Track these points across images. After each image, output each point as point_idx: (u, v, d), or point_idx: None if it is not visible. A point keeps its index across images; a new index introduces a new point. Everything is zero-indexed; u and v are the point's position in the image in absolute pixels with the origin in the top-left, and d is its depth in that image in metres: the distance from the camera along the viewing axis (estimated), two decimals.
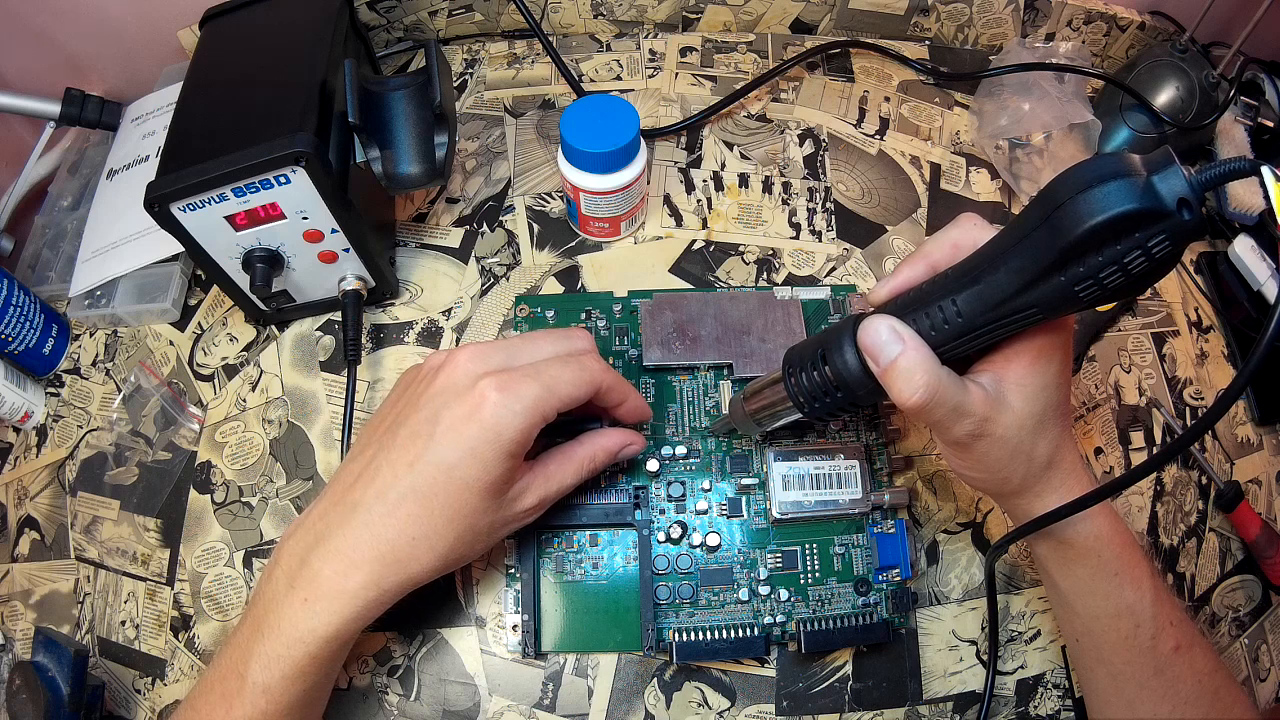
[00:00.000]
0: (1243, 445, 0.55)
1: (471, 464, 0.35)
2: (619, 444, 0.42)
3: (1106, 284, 0.28)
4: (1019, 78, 0.61)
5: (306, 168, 0.43)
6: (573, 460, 0.40)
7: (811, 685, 0.46)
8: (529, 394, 0.35)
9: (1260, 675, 0.49)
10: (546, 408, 0.36)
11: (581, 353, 0.40)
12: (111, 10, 0.61)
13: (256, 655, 0.34)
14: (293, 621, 0.34)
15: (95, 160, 0.65)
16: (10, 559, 0.52)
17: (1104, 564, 0.37)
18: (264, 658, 0.34)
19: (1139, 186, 0.26)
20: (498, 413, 0.35)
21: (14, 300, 0.54)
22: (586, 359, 0.39)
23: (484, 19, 0.67)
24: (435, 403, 0.36)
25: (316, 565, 0.35)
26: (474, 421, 0.35)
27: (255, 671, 0.34)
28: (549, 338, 0.40)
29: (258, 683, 0.34)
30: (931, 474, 0.51)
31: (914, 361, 0.32)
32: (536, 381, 0.36)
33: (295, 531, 0.37)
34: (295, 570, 0.35)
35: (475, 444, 0.35)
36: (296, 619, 0.34)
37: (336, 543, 0.35)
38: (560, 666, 0.46)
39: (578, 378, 0.37)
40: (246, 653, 0.35)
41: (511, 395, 0.35)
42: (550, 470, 0.40)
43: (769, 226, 0.59)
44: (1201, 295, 0.60)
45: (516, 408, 0.35)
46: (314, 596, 0.35)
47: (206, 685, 0.36)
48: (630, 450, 0.43)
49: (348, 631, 0.35)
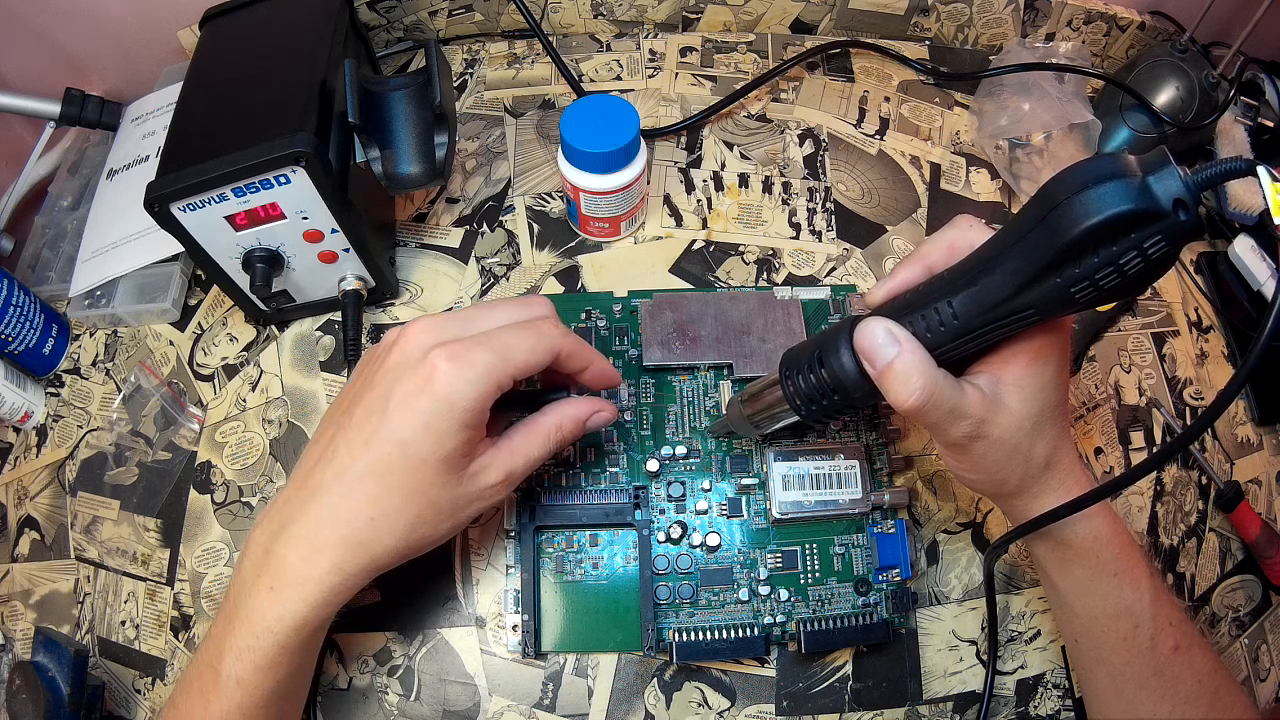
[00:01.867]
0: (1243, 445, 0.55)
1: (425, 438, 0.34)
2: (586, 411, 0.40)
3: (1103, 285, 0.28)
4: (1019, 78, 0.61)
5: (306, 168, 0.43)
6: (537, 432, 0.39)
7: (811, 685, 0.46)
8: (481, 362, 0.34)
9: (1260, 675, 0.49)
10: (500, 375, 0.35)
11: (539, 319, 0.38)
12: (111, 10, 0.61)
13: (229, 648, 0.34)
14: (260, 612, 0.34)
15: (95, 160, 0.65)
16: (10, 559, 0.52)
17: (1103, 564, 0.37)
18: (235, 650, 0.34)
19: (1134, 187, 0.26)
20: (449, 383, 0.34)
21: (14, 300, 0.54)
22: (544, 324, 0.38)
23: (484, 19, 0.67)
24: (389, 378, 0.35)
25: (280, 553, 0.35)
26: (426, 394, 0.34)
27: (228, 664, 0.34)
28: (505, 305, 0.39)
29: (231, 675, 0.34)
30: (931, 474, 0.51)
31: (910, 364, 0.32)
32: (489, 349, 0.35)
33: (262, 521, 0.37)
34: (261, 560, 0.35)
35: (428, 417, 0.34)
36: (264, 609, 0.34)
37: (299, 528, 0.35)
38: (560, 666, 0.46)
39: (534, 344, 0.36)
40: (220, 646, 0.35)
41: (463, 364, 0.34)
42: (515, 444, 0.38)
43: (769, 226, 0.59)
44: (1201, 295, 0.60)
45: (469, 376, 0.34)
46: (279, 584, 0.34)
47: (186, 681, 0.36)
48: (600, 418, 0.41)
49: (316, 618, 0.35)
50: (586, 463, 0.48)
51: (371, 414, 0.35)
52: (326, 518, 0.35)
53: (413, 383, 0.34)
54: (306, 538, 0.35)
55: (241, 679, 0.34)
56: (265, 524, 0.36)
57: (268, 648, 0.34)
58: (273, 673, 0.35)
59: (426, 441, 0.34)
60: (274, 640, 0.34)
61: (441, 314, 0.38)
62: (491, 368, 0.34)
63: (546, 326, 0.38)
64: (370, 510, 0.34)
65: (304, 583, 0.34)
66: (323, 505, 0.35)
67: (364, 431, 0.35)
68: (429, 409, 0.34)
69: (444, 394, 0.34)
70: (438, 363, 0.34)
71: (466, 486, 0.36)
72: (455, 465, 0.35)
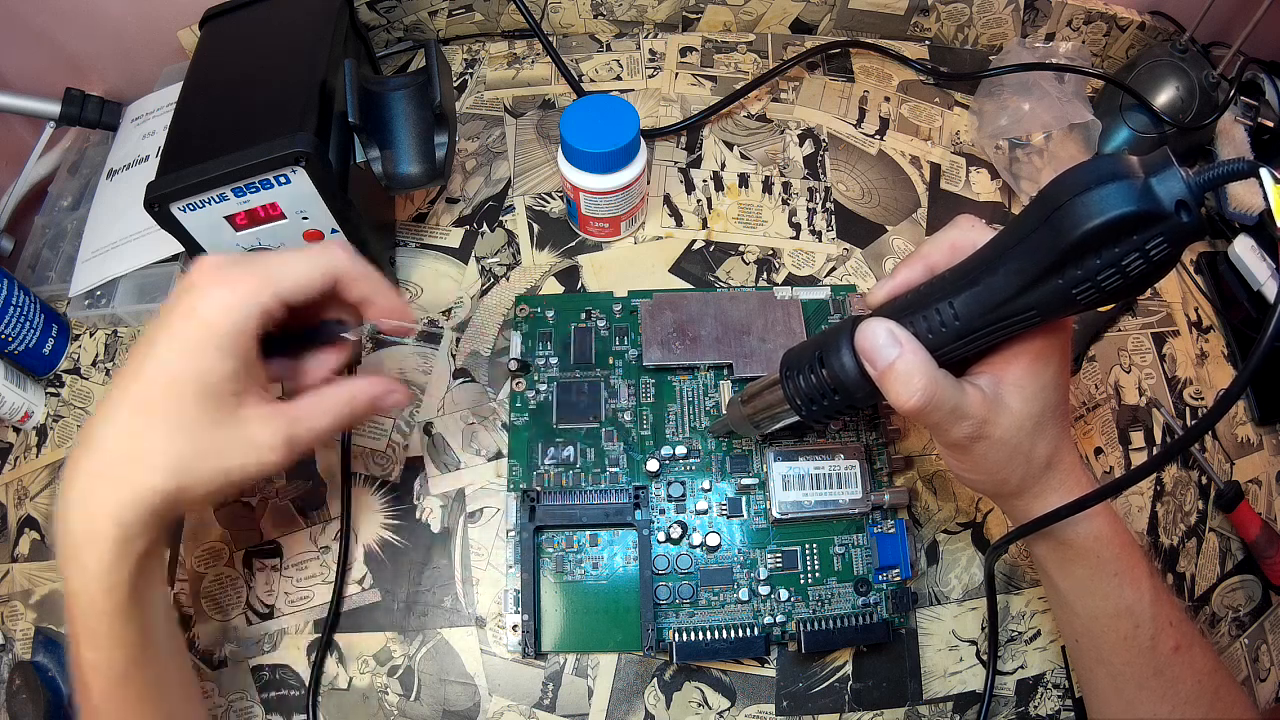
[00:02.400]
0: (1243, 445, 0.55)
1: (185, 361, 0.32)
2: (381, 389, 0.38)
3: (1105, 286, 0.28)
4: (1019, 78, 0.61)
5: (306, 168, 0.43)
6: (326, 403, 0.37)
7: (811, 685, 0.46)
8: (244, 281, 0.33)
9: (1260, 675, 0.49)
10: (264, 295, 0.33)
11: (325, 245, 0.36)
12: (111, 10, 0.61)
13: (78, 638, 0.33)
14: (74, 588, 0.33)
15: (95, 160, 0.65)
16: (10, 559, 0.52)
17: (1103, 564, 0.37)
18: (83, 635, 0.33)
19: (1137, 189, 0.26)
20: (209, 304, 0.33)
21: (14, 300, 0.54)
22: (328, 245, 0.36)
23: (484, 19, 0.67)
24: (159, 320, 0.34)
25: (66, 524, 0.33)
26: (189, 317, 0.33)
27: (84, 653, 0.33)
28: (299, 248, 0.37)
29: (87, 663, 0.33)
30: (931, 474, 0.51)
31: (911, 364, 0.32)
32: (254, 270, 0.33)
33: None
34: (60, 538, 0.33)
35: (188, 340, 0.33)
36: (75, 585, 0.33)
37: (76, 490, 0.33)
38: (560, 666, 0.46)
39: (308, 262, 0.35)
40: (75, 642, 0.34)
41: (225, 286, 0.33)
42: (299, 410, 0.36)
43: (769, 226, 0.59)
44: (1201, 295, 0.60)
45: (230, 299, 0.33)
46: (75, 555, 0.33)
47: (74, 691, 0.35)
48: (394, 399, 0.39)
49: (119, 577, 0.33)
50: (586, 462, 0.48)
51: (139, 347, 0.34)
52: (96, 467, 0.33)
53: (179, 309, 0.33)
54: (81, 499, 0.33)
55: (95, 663, 0.33)
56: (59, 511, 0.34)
57: (95, 620, 0.33)
58: (119, 647, 0.33)
59: (186, 366, 0.33)
60: (96, 610, 0.33)
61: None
62: (256, 288, 0.33)
63: (329, 246, 0.36)
64: (129, 446, 0.33)
65: (91, 542, 0.32)
66: (91, 454, 0.33)
67: (133, 365, 0.33)
68: (190, 332, 0.33)
69: (204, 315, 0.33)
70: (204, 287, 0.33)
71: (234, 431, 0.34)
72: (220, 401, 0.33)
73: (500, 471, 0.50)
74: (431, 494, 0.50)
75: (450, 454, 0.51)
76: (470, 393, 0.53)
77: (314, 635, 0.47)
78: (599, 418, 0.50)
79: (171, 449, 0.33)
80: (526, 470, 0.48)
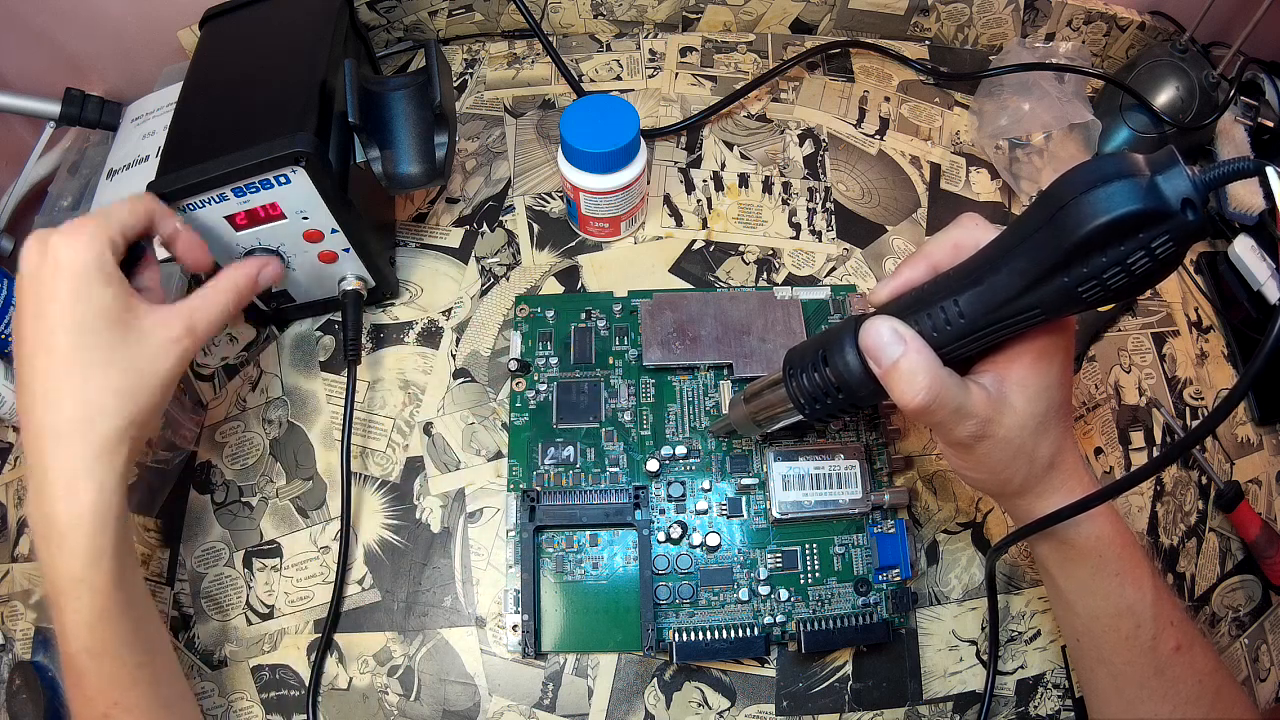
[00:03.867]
0: (1243, 445, 0.55)
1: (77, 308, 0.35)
2: (255, 267, 0.44)
3: (1110, 284, 0.28)
4: (1019, 78, 0.61)
5: (306, 168, 0.42)
6: (215, 292, 0.42)
7: (811, 685, 0.46)
8: (86, 226, 0.36)
9: (1260, 675, 0.49)
10: (110, 232, 0.37)
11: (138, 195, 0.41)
12: (111, 10, 0.61)
13: (64, 625, 0.35)
14: (63, 572, 0.35)
15: (95, 160, 0.65)
16: (10, 559, 0.52)
17: (1105, 564, 0.37)
18: (69, 624, 0.35)
19: (1142, 187, 0.26)
20: (68, 252, 0.35)
21: (14, 300, 0.53)
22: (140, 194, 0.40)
23: (484, 19, 0.67)
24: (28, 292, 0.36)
25: (46, 511, 0.35)
26: (57, 270, 0.35)
27: (73, 645, 0.35)
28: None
29: (80, 651, 0.35)
30: (931, 474, 0.51)
31: (916, 363, 0.32)
32: (87, 218, 0.37)
33: (26, 504, 0.38)
34: (41, 530, 0.36)
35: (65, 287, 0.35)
36: (64, 568, 0.35)
37: (47, 478, 0.35)
38: (560, 666, 0.46)
39: (132, 205, 0.39)
40: (60, 629, 0.35)
41: (71, 235, 0.36)
42: (192, 303, 0.40)
43: (769, 226, 0.59)
44: (1201, 295, 0.60)
45: (81, 240, 0.36)
46: (60, 537, 0.35)
47: (66, 689, 0.37)
48: (269, 272, 0.45)
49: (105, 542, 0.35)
50: (586, 462, 0.48)
51: (31, 326, 0.36)
52: (59, 449, 0.35)
53: (44, 276, 0.36)
54: (55, 480, 0.35)
55: (89, 648, 0.35)
56: (29, 501, 0.37)
57: (87, 600, 0.35)
58: (110, 623, 0.36)
59: (79, 310, 0.35)
60: (88, 588, 0.35)
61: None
62: (98, 228, 0.37)
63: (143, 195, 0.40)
64: (74, 407, 0.35)
65: (78, 518, 0.35)
66: (47, 440, 0.35)
67: (36, 343, 0.36)
68: (63, 280, 0.35)
69: (69, 264, 0.35)
70: (54, 248, 0.36)
71: (144, 340, 0.38)
72: (119, 322, 0.37)
73: (500, 471, 0.50)
74: (431, 494, 0.50)
75: (450, 454, 0.51)
76: (470, 393, 0.53)
77: (314, 635, 0.47)
78: (599, 418, 0.50)
79: (109, 386, 0.36)
80: (526, 470, 0.48)
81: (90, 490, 0.35)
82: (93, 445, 0.36)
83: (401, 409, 0.53)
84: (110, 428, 0.36)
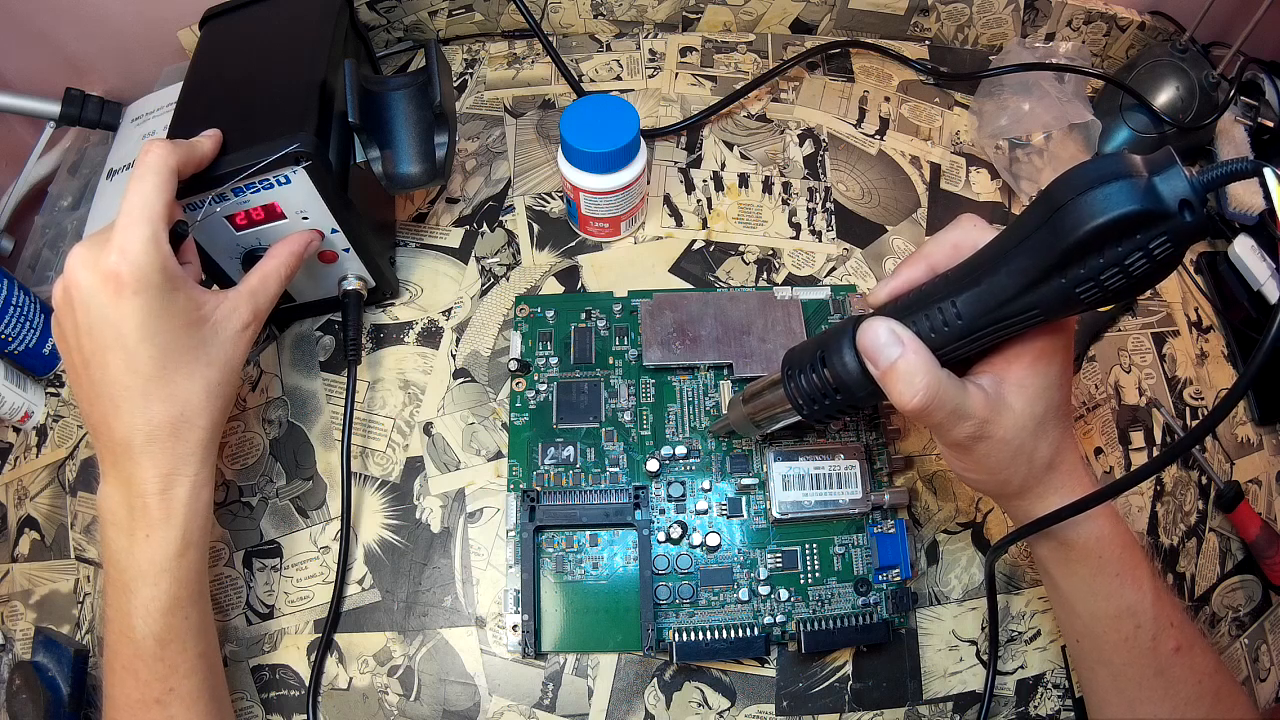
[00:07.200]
0: (1243, 445, 0.55)
1: (150, 324, 0.36)
2: (301, 244, 0.45)
3: (1108, 285, 0.28)
4: (1019, 78, 0.61)
5: (307, 168, 0.43)
6: (269, 272, 0.43)
7: (811, 685, 0.46)
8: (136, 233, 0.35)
9: (1260, 675, 0.49)
10: (157, 227, 0.36)
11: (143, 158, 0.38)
12: (111, 10, 0.61)
13: (134, 611, 0.36)
14: (149, 558, 0.37)
15: (95, 160, 0.65)
16: (10, 559, 0.52)
17: (1105, 564, 0.37)
18: (141, 610, 0.36)
19: (1140, 188, 0.26)
20: (129, 269, 0.35)
21: (14, 300, 0.54)
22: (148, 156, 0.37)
23: (484, 19, 0.67)
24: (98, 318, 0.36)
25: (140, 504, 0.37)
26: (121, 294, 0.35)
27: (139, 626, 0.36)
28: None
29: (147, 634, 0.36)
30: (931, 474, 0.51)
31: (914, 364, 0.32)
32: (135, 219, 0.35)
33: (101, 499, 0.38)
34: (126, 521, 0.37)
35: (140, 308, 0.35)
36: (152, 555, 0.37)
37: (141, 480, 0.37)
38: (560, 666, 0.46)
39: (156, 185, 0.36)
40: (126, 614, 0.37)
41: (126, 237, 0.35)
42: (253, 287, 0.42)
43: (769, 226, 0.59)
44: (1201, 295, 0.60)
45: (138, 251, 0.35)
46: (154, 527, 0.37)
47: (109, 669, 0.38)
48: (313, 245, 0.46)
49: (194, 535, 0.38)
50: (586, 462, 0.48)
51: (102, 349, 0.36)
52: (152, 448, 0.37)
53: (106, 298, 0.35)
54: (150, 478, 0.37)
55: (159, 634, 0.37)
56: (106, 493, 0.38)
57: (167, 587, 0.37)
58: (183, 612, 0.38)
59: (154, 325, 0.36)
60: (171, 577, 0.37)
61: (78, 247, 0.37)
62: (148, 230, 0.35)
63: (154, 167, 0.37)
64: (171, 412, 0.37)
65: (173, 512, 0.37)
66: (138, 442, 0.37)
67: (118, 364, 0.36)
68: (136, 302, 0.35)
69: (133, 279, 0.35)
70: (111, 265, 0.35)
71: (220, 333, 0.39)
72: (194, 323, 0.38)
73: (500, 471, 0.50)
74: (431, 494, 0.50)
75: (450, 454, 0.51)
76: (470, 393, 0.53)
77: (314, 635, 0.47)
78: (599, 418, 0.50)
79: (194, 387, 0.38)
80: (526, 470, 0.48)
81: (186, 485, 0.38)
82: (189, 443, 0.38)
83: (401, 409, 0.53)
84: (206, 423, 0.38)
